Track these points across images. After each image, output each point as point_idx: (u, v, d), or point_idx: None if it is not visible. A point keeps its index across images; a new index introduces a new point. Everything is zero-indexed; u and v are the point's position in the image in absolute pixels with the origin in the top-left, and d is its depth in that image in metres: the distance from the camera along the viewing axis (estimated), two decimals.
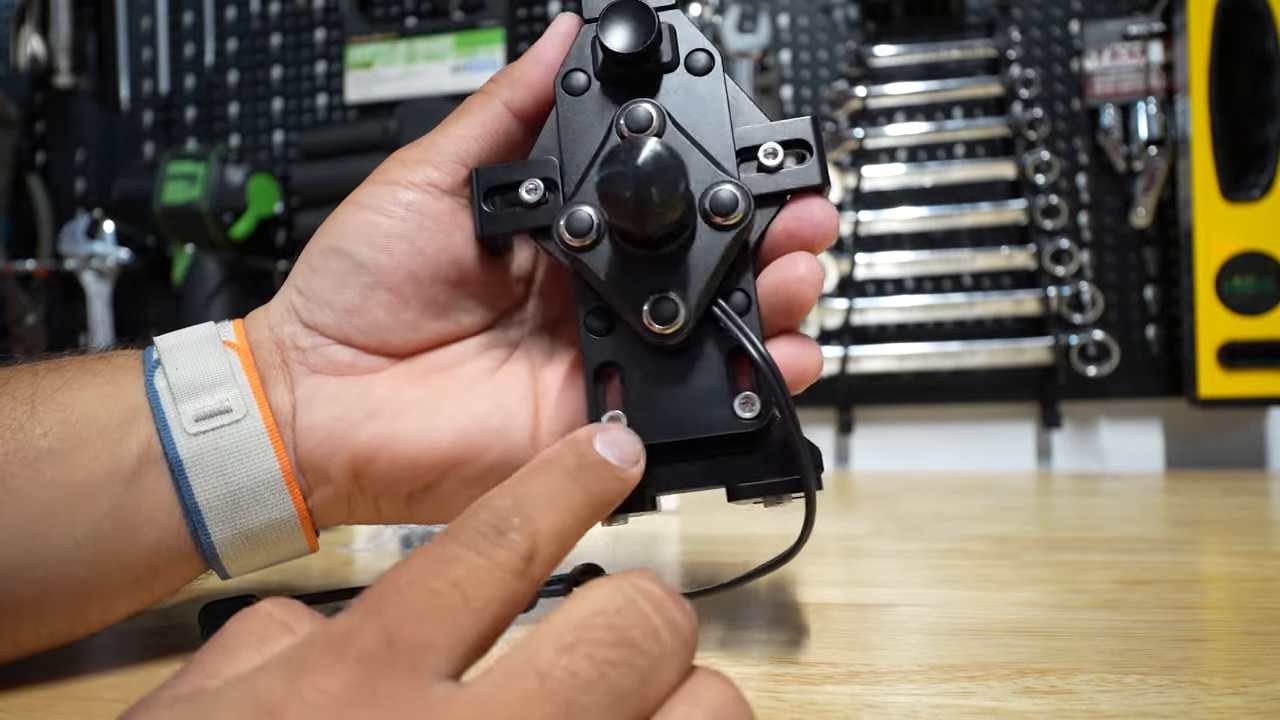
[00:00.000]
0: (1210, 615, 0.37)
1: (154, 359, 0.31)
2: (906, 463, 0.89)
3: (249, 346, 0.32)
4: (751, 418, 0.28)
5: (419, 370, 0.32)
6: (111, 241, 0.99)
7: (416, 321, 0.32)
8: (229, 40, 1.02)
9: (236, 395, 0.30)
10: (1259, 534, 0.53)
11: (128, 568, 0.29)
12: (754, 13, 0.91)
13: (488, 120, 0.32)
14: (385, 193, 0.31)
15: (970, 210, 0.86)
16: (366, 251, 0.31)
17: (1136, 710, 0.26)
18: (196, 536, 0.30)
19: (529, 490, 0.21)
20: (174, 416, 0.30)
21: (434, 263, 0.31)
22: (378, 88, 0.93)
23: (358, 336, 0.31)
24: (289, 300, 0.32)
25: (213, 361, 0.31)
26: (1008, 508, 0.65)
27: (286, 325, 0.32)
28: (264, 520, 0.30)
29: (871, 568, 0.46)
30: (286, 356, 0.31)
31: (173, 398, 0.30)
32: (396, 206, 0.31)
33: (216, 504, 0.30)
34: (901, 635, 0.34)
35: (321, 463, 0.31)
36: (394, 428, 0.30)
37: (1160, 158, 0.82)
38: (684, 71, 0.31)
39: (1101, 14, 0.86)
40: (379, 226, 0.31)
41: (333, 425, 0.30)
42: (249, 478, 0.30)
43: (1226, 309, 0.77)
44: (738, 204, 0.28)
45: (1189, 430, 0.84)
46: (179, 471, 0.29)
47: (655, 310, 0.28)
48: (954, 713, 0.26)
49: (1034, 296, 0.84)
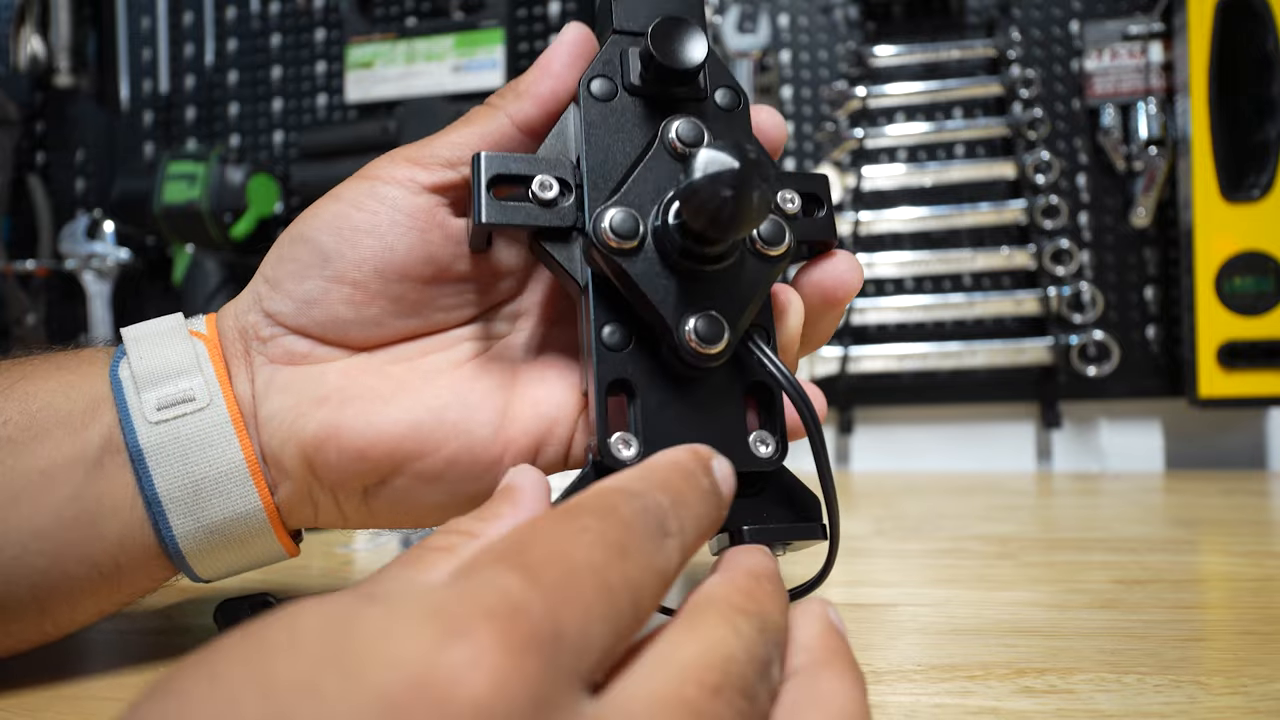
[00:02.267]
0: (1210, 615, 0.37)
1: (121, 349, 0.30)
2: (906, 463, 0.89)
3: (217, 336, 0.31)
4: (768, 456, 0.28)
5: (379, 360, 0.31)
6: (111, 241, 0.99)
7: (381, 318, 0.30)
8: (229, 40, 1.02)
9: (200, 384, 0.29)
10: (1258, 534, 0.53)
11: (91, 560, 0.29)
12: (754, 13, 0.91)
13: (489, 130, 0.30)
14: (364, 187, 0.30)
15: (970, 210, 0.86)
16: (332, 243, 0.30)
17: (1136, 710, 0.26)
18: (158, 529, 0.29)
19: (680, 495, 0.20)
20: (135, 405, 0.29)
21: (404, 261, 0.30)
22: (378, 88, 0.93)
23: (315, 329, 0.30)
24: (255, 288, 0.31)
25: (177, 350, 0.30)
26: (1007, 508, 0.65)
27: (250, 314, 0.31)
28: (228, 513, 0.29)
29: (871, 567, 0.46)
30: (249, 346, 0.31)
31: (135, 386, 0.29)
32: (371, 200, 0.30)
33: (178, 495, 0.29)
34: (901, 635, 0.34)
35: (277, 454, 0.30)
36: (341, 416, 0.29)
37: (1160, 158, 0.82)
38: (712, 103, 0.30)
39: (1101, 14, 0.86)
40: (349, 219, 0.30)
41: (284, 414, 0.29)
42: (211, 467, 0.29)
43: (1226, 309, 0.77)
44: (784, 237, 0.28)
45: (1189, 430, 0.84)
46: (139, 460, 0.28)
47: (700, 328, 0.27)
48: (954, 712, 0.26)
49: (1034, 296, 0.84)
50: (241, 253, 0.95)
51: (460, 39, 0.92)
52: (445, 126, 0.31)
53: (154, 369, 0.29)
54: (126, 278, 1.01)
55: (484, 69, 0.91)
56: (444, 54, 0.92)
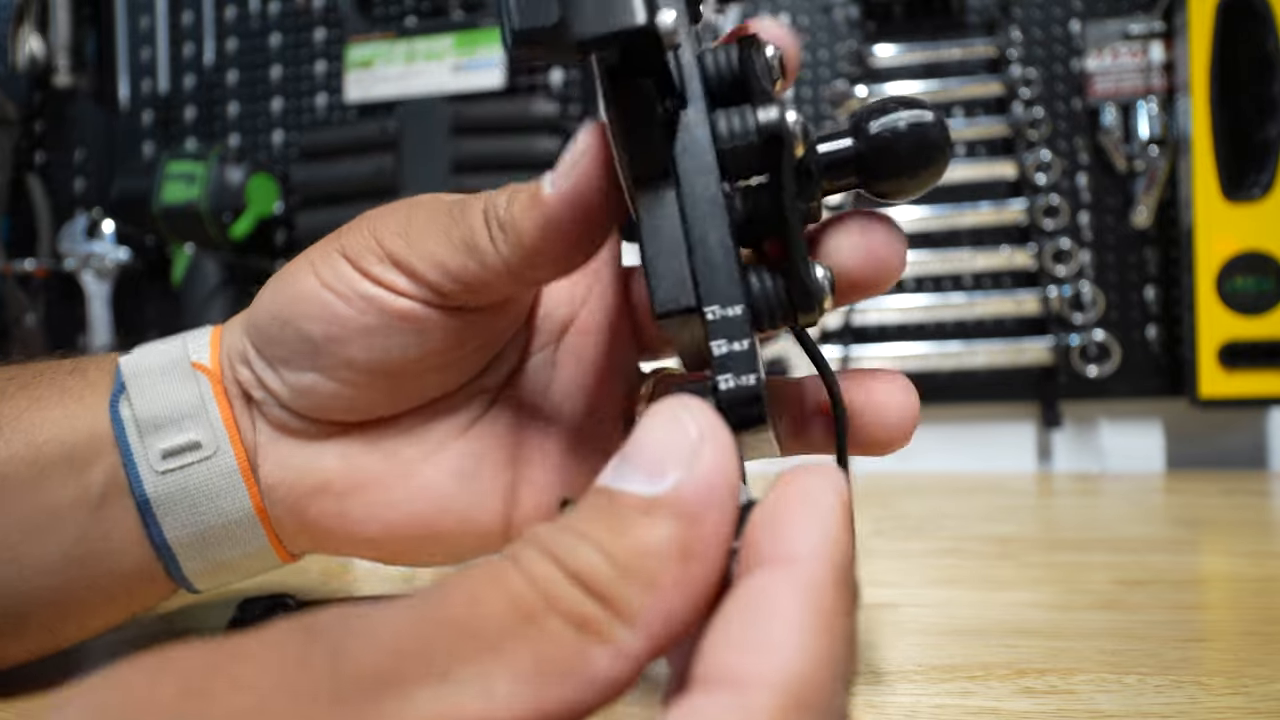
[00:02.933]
0: (1210, 615, 0.37)
1: (121, 381, 0.29)
2: (906, 462, 0.88)
3: (219, 368, 0.29)
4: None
5: (378, 436, 0.29)
6: (111, 241, 0.99)
7: (377, 404, 0.28)
8: (228, 40, 1.02)
9: (207, 430, 0.28)
10: (1260, 534, 0.53)
11: (102, 589, 0.29)
12: (754, 12, 0.91)
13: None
14: (347, 276, 0.26)
15: (970, 210, 0.86)
16: (321, 337, 0.27)
17: (1137, 710, 0.26)
18: (168, 568, 0.29)
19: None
20: (140, 452, 0.28)
21: (401, 359, 0.27)
22: (377, 87, 0.93)
23: (310, 412, 0.29)
24: (243, 345, 0.29)
25: (180, 390, 0.28)
26: (1008, 508, 0.64)
27: (242, 368, 0.29)
28: (237, 554, 0.29)
29: (872, 568, 0.46)
30: (248, 391, 0.29)
31: (138, 430, 0.28)
32: (357, 297, 0.26)
33: (187, 540, 0.29)
34: (902, 635, 0.33)
35: (280, 519, 0.29)
36: (342, 507, 0.28)
37: (1161, 157, 0.82)
38: None
39: (1102, 13, 0.86)
40: (338, 315, 0.27)
41: (284, 490, 0.29)
42: (220, 516, 0.28)
43: (1227, 309, 0.76)
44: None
45: (1190, 430, 0.84)
46: (147, 510, 0.28)
47: (825, 277, 0.23)
48: (954, 712, 0.26)
49: (1034, 296, 0.84)
50: (241, 252, 0.95)
51: (460, 38, 0.92)
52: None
53: (156, 413, 0.28)
54: (126, 277, 1.01)
55: (484, 68, 0.90)
56: (444, 53, 0.92)
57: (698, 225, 0.21)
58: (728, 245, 0.21)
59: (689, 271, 0.21)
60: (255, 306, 0.29)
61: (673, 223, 0.21)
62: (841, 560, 0.14)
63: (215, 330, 0.30)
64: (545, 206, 0.24)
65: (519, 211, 0.24)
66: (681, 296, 0.21)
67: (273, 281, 0.28)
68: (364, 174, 0.89)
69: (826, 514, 0.14)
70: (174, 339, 0.30)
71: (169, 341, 0.30)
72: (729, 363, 0.20)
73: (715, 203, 0.21)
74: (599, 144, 0.23)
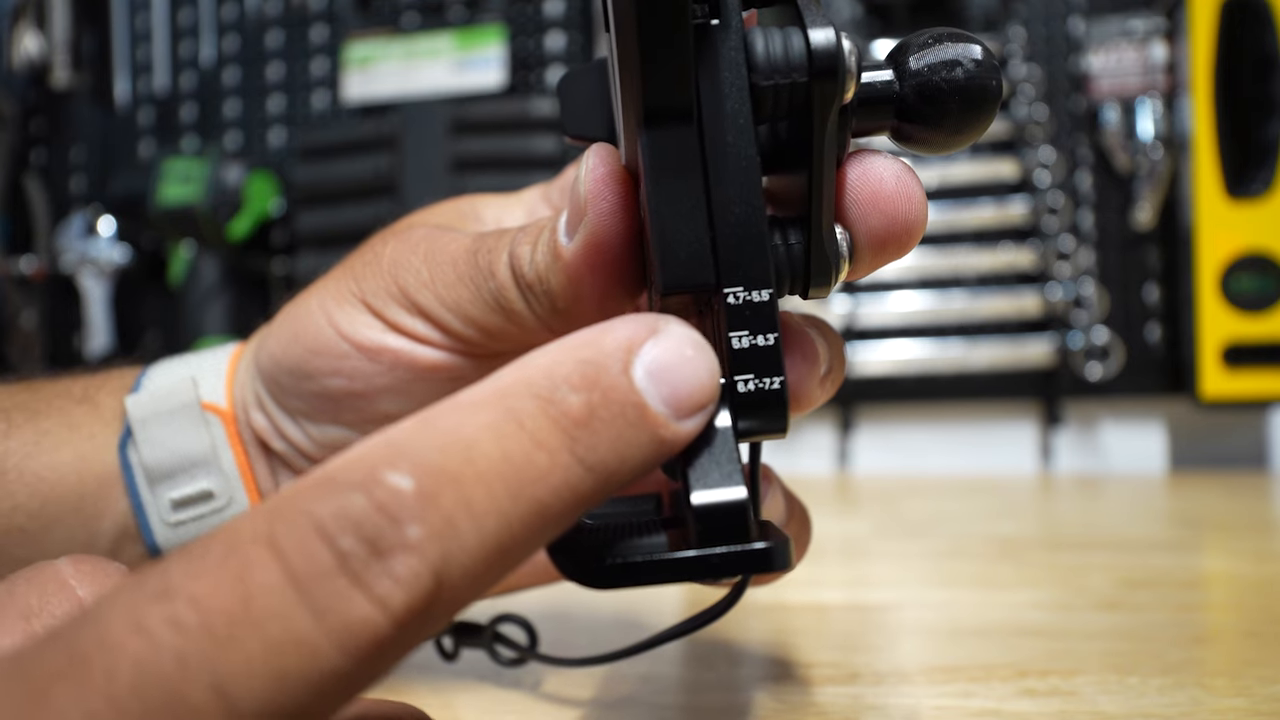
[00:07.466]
0: (1213, 616, 0.36)
1: (128, 426, 0.27)
2: (908, 463, 0.88)
3: (233, 407, 0.27)
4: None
5: None
6: (109, 241, 0.99)
7: None
8: (227, 38, 1.02)
9: (219, 479, 0.27)
10: (1262, 534, 0.53)
11: None
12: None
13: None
14: (369, 326, 0.25)
15: (972, 209, 0.86)
16: (343, 394, 0.26)
17: (1139, 711, 0.25)
18: None
19: (465, 461, 0.14)
20: (150, 502, 0.27)
21: (420, 404, 0.26)
22: (377, 85, 0.93)
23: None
24: (256, 389, 0.27)
25: (190, 437, 0.27)
26: (1010, 508, 0.64)
27: (257, 415, 0.27)
28: None
29: (873, 568, 0.45)
30: (264, 438, 0.28)
31: (148, 480, 0.27)
32: (382, 350, 0.25)
33: None
34: (903, 636, 0.33)
35: None
36: None
37: (1163, 157, 0.82)
38: None
39: (1104, 10, 0.86)
40: (360, 371, 0.25)
41: None
42: None
43: (1229, 308, 0.76)
44: None
45: (1192, 430, 0.84)
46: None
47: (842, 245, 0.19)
48: (955, 714, 0.26)
49: (1036, 296, 0.84)
50: (239, 252, 0.95)
51: (459, 36, 0.92)
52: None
53: (166, 462, 0.27)
54: (124, 277, 1.00)
55: (483, 66, 0.90)
56: (443, 51, 0.92)
57: (725, 182, 0.17)
58: (760, 211, 0.17)
59: (709, 240, 0.17)
60: (267, 350, 0.27)
61: (693, 177, 0.17)
62: (553, 396, 0.15)
63: (232, 357, 0.29)
64: (566, 265, 0.21)
65: (544, 268, 0.22)
66: (698, 271, 0.17)
67: (284, 323, 0.27)
68: (363, 173, 0.89)
69: (586, 353, 0.15)
70: (184, 368, 0.29)
71: (178, 371, 0.28)
72: (751, 360, 0.17)
73: (748, 154, 0.17)
74: (612, 180, 0.20)
